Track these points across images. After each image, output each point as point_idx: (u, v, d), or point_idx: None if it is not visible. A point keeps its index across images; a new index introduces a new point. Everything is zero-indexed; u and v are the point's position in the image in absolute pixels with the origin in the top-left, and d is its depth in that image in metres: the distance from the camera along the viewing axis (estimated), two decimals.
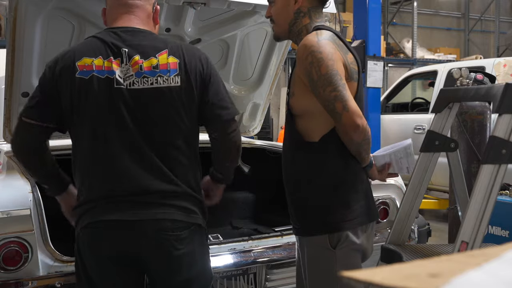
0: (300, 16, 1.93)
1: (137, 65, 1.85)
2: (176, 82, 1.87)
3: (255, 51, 3.29)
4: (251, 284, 2.56)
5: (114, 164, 1.84)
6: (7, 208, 2.11)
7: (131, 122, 1.84)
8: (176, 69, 1.88)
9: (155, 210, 1.83)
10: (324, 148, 1.88)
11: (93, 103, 1.83)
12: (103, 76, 1.83)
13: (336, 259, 1.88)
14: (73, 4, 2.58)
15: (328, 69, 1.77)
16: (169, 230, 1.84)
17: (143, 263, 1.89)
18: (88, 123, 1.86)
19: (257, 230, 3.22)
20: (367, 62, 6.12)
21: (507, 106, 1.70)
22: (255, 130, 3.67)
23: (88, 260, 1.88)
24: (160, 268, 1.89)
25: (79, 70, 1.83)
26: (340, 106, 1.76)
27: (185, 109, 1.89)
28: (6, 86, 2.64)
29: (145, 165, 1.85)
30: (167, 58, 1.88)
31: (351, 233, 1.88)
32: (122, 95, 1.83)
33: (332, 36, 1.86)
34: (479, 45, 15.62)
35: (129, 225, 1.82)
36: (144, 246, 1.84)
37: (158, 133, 1.87)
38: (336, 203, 1.89)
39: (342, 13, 10.56)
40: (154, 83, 1.85)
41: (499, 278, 0.50)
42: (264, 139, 5.54)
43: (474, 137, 3.83)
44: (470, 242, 1.69)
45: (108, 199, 1.84)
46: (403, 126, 6.53)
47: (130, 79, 1.84)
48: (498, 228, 3.51)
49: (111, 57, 1.85)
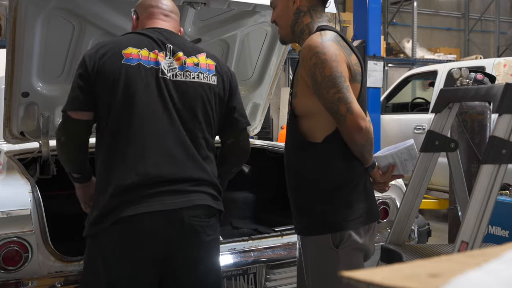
0: (300, 15, 1.94)
1: (180, 60, 1.97)
2: (214, 81, 2.02)
3: (255, 51, 3.29)
4: (251, 284, 2.56)
5: (161, 149, 1.88)
6: (7, 208, 2.11)
7: (175, 112, 1.92)
8: (214, 70, 2.04)
9: (191, 196, 1.89)
10: (327, 149, 1.88)
11: (141, 90, 1.88)
12: (149, 65, 1.91)
13: (339, 258, 1.88)
14: (73, 4, 2.58)
15: (332, 70, 1.76)
16: (203, 216, 1.91)
17: (170, 256, 1.88)
18: (133, 109, 1.87)
19: (257, 230, 3.22)
20: (367, 62, 6.12)
21: (507, 106, 1.70)
22: (255, 130, 3.67)
23: (116, 258, 1.83)
24: (189, 255, 1.91)
25: (125, 58, 1.89)
26: (344, 108, 1.77)
27: (217, 108, 2.03)
28: (6, 86, 2.64)
29: (187, 153, 1.91)
30: (206, 59, 2.04)
31: (353, 233, 1.88)
32: (166, 85, 1.92)
33: (336, 37, 1.86)
34: (479, 45, 15.62)
35: (169, 214, 1.84)
36: (179, 232, 1.86)
37: (195, 124, 1.96)
38: (338, 203, 1.89)
39: (342, 13, 10.56)
40: (196, 78, 1.98)
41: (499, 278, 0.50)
42: (264, 139, 5.55)
43: (474, 137, 3.82)
44: (470, 242, 1.69)
45: (147, 187, 1.83)
46: (403, 126, 6.53)
47: (173, 71, 1.95)
48: (498, 228, 3.51)
49: (156, 50, 1.94)
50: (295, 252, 2.49)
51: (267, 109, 3.68)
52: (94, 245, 1.90)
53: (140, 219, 1.80)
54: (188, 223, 1.86)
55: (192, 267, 1.92)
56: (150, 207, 1.81)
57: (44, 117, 2.87)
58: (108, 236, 1.84)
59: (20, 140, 2.92)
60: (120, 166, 1.85)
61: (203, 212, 1.91)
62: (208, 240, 1.94)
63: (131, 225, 1.81)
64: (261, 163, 3.56)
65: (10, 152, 2.94)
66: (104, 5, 2.65)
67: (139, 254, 1.83)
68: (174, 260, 1.89)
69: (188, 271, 1.92)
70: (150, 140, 1.87)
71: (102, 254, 1.86)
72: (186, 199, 1.87)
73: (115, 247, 1.83)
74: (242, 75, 3.37)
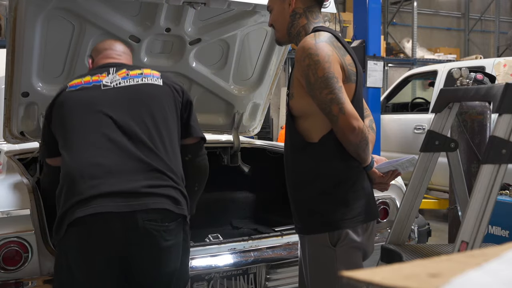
0: (296, 17, 1.95)
1: (123, 73, 2.13)
2: (160, 83, 2.15)
3: (255, 51, 3.29)
4: (251, 284, 2.56)
5: (110, 158, 1.93)
6: (7, 208, 2.11)
7: (124, 117, 2.00)
8: (159, 77, 2.18)
9: (146, 200, 1.87)
10: (323, 149, 1.89)
11: (83, 103, 2.04)
12: (90, 85, 2.09)
13: (337, 257, 1.89)
14: (73, 4, 2.58)
15: (324, 71, 1.79)
16: (159, 220, 1.89)
17: (130, 256, 1.89)
18: (79, 123, 2.00)
19: (257, 230, 3.22)
20: (367, 62, 6.11)
21: (507, 106, 1.69)
22: (255, 130, 3.67)
23: (76, 255, 1.87)
24: (147, 260, 1.90)
25: (69, 87, 2.10)
26: (336, 109, 1.79)
27: (169, 107, 2.11)
28: (6, 86, 2.64)
29: (133, 158, 1.94)
30: (151, 71, 2.19)
31: (351, 232, 1.89)
32: (108, 93, 2.06)
33: (331, 37, 1.87)
34: (479, 45, 15.61)
35: (122, 216, 1.84)
36: (134, 237, 1.86)
37: (148, 123, 2.03)
38: (336, 202, 1.90)
39: (342, 13, 10.56)
40: (140, 81, 2.12)
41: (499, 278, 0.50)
42: (264, 139, 5.54)
43: (474, 137, 3.82)
44: (470, 242, 1.69)
45: (103, 196, 1.85)
46: (403, 126, 6.53)
47: (116, 81, 2.10)
48: (498, 228, 3.51)
49: (98, 74, 2.13)
50: (295, 252, 2.49)
51: (267, 109, 3.68)
52: (58, 250, 1.95)
53: (94, 220, 1.83)
54: (142, 226, 1.85)
55: (152, 271, 1.92)
56: (103, 208, 1.83)
57: (44, 117, 2.87)
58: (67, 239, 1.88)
59: (20, 140, 2.93)
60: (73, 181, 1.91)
61: (159, 216, 1.89)
62: (166, 245, 1.91)
63: (85, 226, 1.84)
64: (261, 163, 3.56)
65: (10, 152, 2.94)
66: (104, 5, 2.65)
67: (96, 254, 1.86)
68: (132, 261, 1.90)
69: (147, 274, 1.92)
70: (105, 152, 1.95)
71: (65, 257, 1.90)
72: (140, 202, 1.87)
73: (72, 244, 1.88)
74: (242, 75, 3.37)
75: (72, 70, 2.84)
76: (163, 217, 1.90)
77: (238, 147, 3.50)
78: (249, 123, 3.61)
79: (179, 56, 3.06)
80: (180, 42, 2.98)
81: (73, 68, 2.84)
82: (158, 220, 1.88)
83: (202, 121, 3.51)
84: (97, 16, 2.67)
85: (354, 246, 1.90)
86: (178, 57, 3.06)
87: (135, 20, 2.78)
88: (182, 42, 2.97)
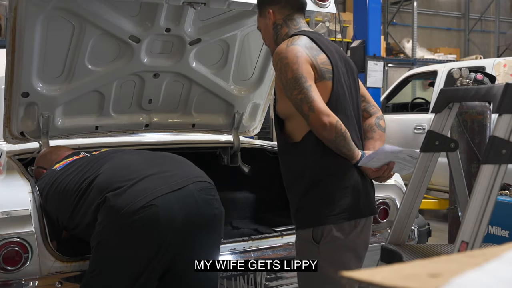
0: (278, 28, 2.07)
1: None
2: None
3: (255, 51, 3.29)
4: (251, 284, 2.55)
5: None
6: (7, 208, 2.11)
7: None
8: None
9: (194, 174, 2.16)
10: (305, 147, 1.95)
11: None
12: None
13: (320, 254, 1.93)
14: (73, 4, 2.58)
15: (293, 73, 1.87)
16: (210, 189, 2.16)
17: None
18: None
19: (257, 230, 3.21)
20: (367, 62, 6.12)
21: (507, 106, 1.69)
22: (255, 130, 3.67)
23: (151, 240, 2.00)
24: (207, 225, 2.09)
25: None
26: (306, 107, 1.86)
27: None
28: (6, 86, 2.64)
29: None
30: None
31: (335, 229, 1.91)
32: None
33: (305, 39, 1.95)
34: (479, 45, 15.61)
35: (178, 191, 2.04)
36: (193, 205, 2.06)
37: None
38: (320, 198, 1.93)
39: (342, 13, 10.56)
40: None
41: (499, 278, 0.50)
42: (264, 139, 5.54)
43: (474, 137, 3.82)
44: (470, 242, 1.69)
45: None
46: (403, 126, 6.52)
47: None
48: (498, 228, 3.50)
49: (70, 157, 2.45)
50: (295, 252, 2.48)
51: (267, 109, 3.68)
52: None
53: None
54: (197, 196, 2.10)
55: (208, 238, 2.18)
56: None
57: (44, 117, 2.87)
58: None
59: (20, 140, 2.93)
60: None
61: (210, 186, 2.22)
62: (218, 212, 2.19)
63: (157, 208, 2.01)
64: (261, 163, 3.56)
65: (10, 152, 2.94)
66: (104, 5, 2.65)
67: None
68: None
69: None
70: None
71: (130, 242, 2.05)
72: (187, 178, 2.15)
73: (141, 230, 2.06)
74: (242, 75, 3.37)
75: (72, 70, 2.84)
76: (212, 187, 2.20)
77: (238, 147, 3.51)
78: (249, 123, 3.61)
79: (179, 56, 3.06)
80: (180, 42, 2.98)
81: (73, 68, 2.84)
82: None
83: (202, 121, 3.52)
84: (97, 16, 2.67)
85: (339, 244, 1.92)
86: (178, 57, 3.06)
87: (135, 20, 2.78)
88: (182, 42, 2.97)
